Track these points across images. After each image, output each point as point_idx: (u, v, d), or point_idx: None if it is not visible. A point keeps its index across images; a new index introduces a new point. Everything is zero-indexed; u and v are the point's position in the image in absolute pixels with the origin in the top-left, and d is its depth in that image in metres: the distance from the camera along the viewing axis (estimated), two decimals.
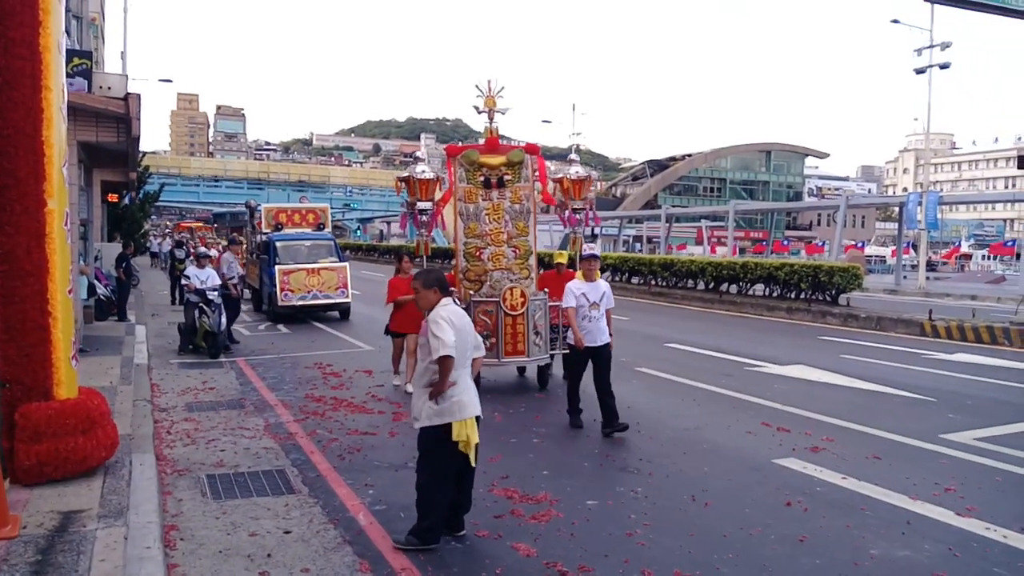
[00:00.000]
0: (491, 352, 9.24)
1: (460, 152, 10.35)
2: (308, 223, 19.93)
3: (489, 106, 10.21)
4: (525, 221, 10.28)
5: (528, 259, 10.20)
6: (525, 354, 9.72)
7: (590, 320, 7.77)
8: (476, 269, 9.98)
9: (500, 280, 9.90)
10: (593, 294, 7.81)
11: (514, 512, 5.53)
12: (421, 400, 4.83)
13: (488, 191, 10.15)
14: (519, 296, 9.64)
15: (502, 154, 10.23)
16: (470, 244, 10.05)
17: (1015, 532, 5.20)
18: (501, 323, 9.56)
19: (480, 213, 10.11)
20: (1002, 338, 14.78)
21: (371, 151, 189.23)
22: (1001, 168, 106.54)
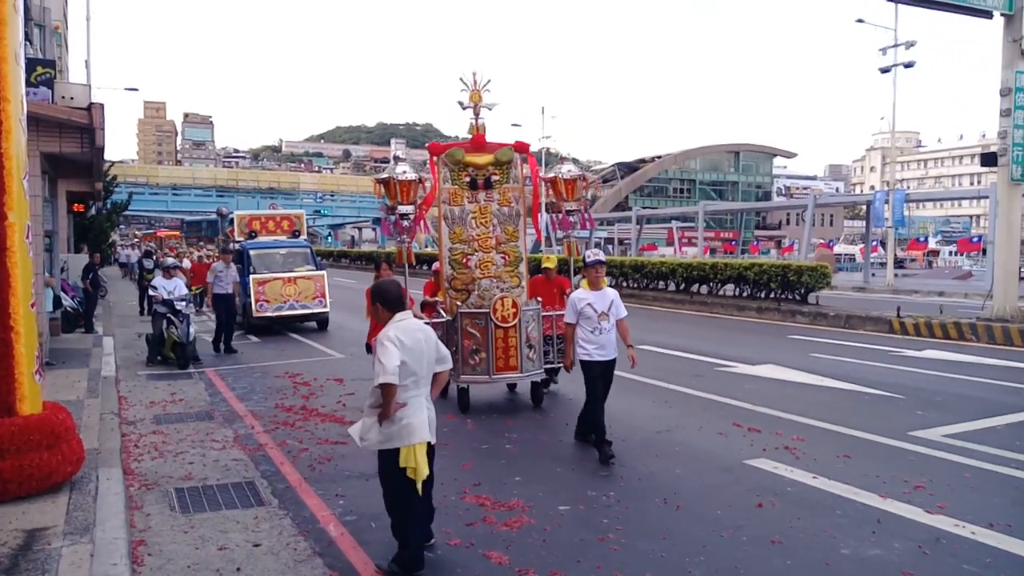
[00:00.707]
0: (480, 368, 8.79)
1: (444, 150, 9.54)
2: (283, 230, 19.18)
3: (474, 101, 9.45)
4: (515, 225, 9.58)
5: (518, 266, 9.51)
6: (518, 369, 8.93)
7: (600, 332, 7.03)
8: (463, 277, 9.28)
9: (489, 289, 9.24)
10: (601, 303, 7.06)
11: (486, 519, 5.50)
12: (370, 420, 4.58)
13: (474, 193, 9.44)
14: (511, 307, 8.84)
15: (489, 153, 9.49)
16: (456, 250, 9.33)
17: (983, 528, 5.26)
18: (491, 336, 8.78)
19: (466, 216, 9.39)
20: (969, 334, 15.00)
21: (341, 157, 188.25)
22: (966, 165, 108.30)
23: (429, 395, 4.70)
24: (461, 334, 8.76)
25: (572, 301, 7.19)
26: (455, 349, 8.47)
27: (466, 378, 8.85)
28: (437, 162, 9.44)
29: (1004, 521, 5.39)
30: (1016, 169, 15.11)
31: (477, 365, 8.80)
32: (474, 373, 8.83)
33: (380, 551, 4.85)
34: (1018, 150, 15.07)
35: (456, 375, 8.50)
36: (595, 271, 7.15)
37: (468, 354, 8.78)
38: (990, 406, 9.06)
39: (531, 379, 9.18)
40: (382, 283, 4.84)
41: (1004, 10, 14.84)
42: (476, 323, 8.84)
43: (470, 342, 8.78)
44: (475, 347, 8.79)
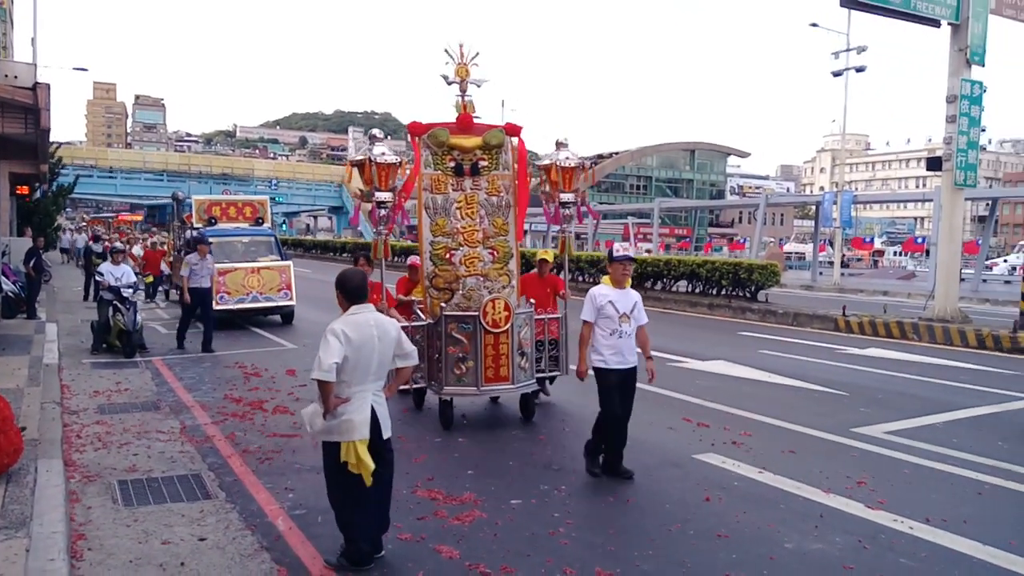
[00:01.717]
0: (467, 378, 7.82)
1: (426, 130, 8.37)
2: (245, 217, 17.89)
3: (461, 76, 8.33)
4: (504, 217, 8.55)
5: (508, 263, 8.52)
6: (509, 380, 7.94)
7: (620, 336, 6.24)
8: (445, 275, 8.28)
9: (475, 288, 8.29)
10: (623, 303, 6.31)
11: (437, 513, 5.49)
12: (315, 408, 4.50)
13: (460, 180, 8.41)
14: (503, 310, 7.82)
15: (477, 135, 8.43)
16: (438, 244, 8.32)
17: (920, 523, 5.41)
18: (480, 343, 7.76)
19: (450, 206, 8.37)
20: (911, 333, 15.40)
21: (297, 144, 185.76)
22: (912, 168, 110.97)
23: (380, 391, 4.64)
24: (445, 340, 7.80)
25: (592, 296, 6.35)
26: (437, 356, 7.88)
27: (450, 390, 7.86)
28: (418, 144, 8.41)
29: (939, 516, 5.55)
30: (960, 174, 15.55)
31: (463, 375, 7.80)
32: (459, 384, 7.84)
33: (329, 545, 4.80)
34: (962, 156, 15.51)
35: (438, 386, 7.92)
36: (622, 267, 6.36)
37: (453, 363, 7.80)
38: (929, 404, 9.32)
39: (523, 391, 8.21)
40: (346, 272, 4.75)
41: (951, 20, 15.23)
42: (463, 328, 7.79)
43: (455, 349, 7.78)
44: (461, 355, 7.79)
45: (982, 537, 5.17)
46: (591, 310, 6.33)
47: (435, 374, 7.97)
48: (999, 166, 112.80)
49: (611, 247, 6.50)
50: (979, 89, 15.63)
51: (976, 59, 15.42)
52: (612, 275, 6.43)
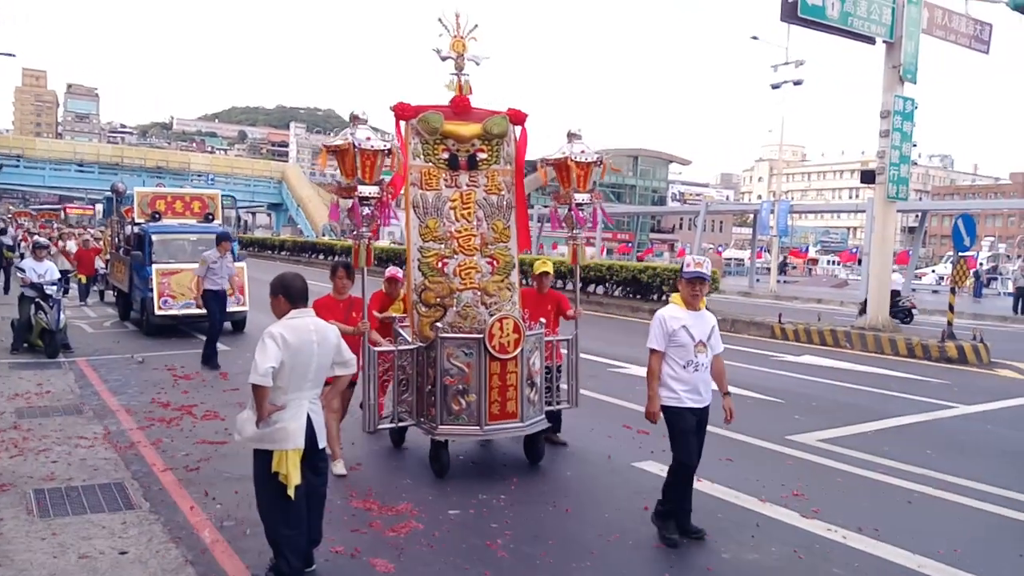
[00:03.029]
0: (466, 415, 6.45)
1: (415, 114, 6.99)
2: (193, 213, 16.13)
3: (457, 51, 7.05)
4: (506, 220, 7.27)
5: (509, 274, 7.23)
6: (518, 417, 6.59)
7: (696, 368, 5.22)
8: (437, 288, 6.91)
9: (471, 305, 6.97)
10: (700, 329, 5.25)
11: (373, 525, 5.35)
12: (250, 414, 4.32)
13: (454, 174, 7.11)
14: (512, 332, 6.47)
15: (476, 121, 7.16)
16: (428, 250, 6.95)
17: (853, 532, 5.48)
18: (484, 372, 6.41)
19: (442, 206, 7.05)
20: (844, 341, 15.77)
21: (236, 138, 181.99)
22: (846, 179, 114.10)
23: (317, 399, 4.48)
24: (440, 368, 6.43)
25: (660, 320, 5.28)
26: (430, 388, 6.52)
27: (446, 429, 6.48)
28: (405, 130, 7.05)
29: (871, 525, 5.63)
30: (892, 188, 15.98)
31: (462, 411, 6.44)
32: (457, 422, 6.46)
33: (258, 560, 4.62)
34: (895, 170, 15.95)
35: (430, 424, 6.56)
36: (694, 288, 5.28)
37: (450, 396, 6.45)
38: (861, 412, 9.51)
39: (533, 429, 6.83)
40: (285, 275, 4.55)
41: (886, 37, 15.65)
42: (464, 353, 6.46)
43: (453, 380, 6.44)
44: (461, 387, 6.44)
45: (912, 546, 5.25)
46: (660, 336, 5.24)
47: (426, 409, 6.62)
48: (928, 179, 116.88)
49: (682, 260, 5.45)
50: (911, 105, 16.09)
51: (909, 76, 15.87)
52: (684, 295, 5.31)
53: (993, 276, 43.44)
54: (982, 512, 6.10)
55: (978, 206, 61.66)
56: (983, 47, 16.95)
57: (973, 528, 5.80)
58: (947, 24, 16.46)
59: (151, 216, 15.68)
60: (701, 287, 5.30)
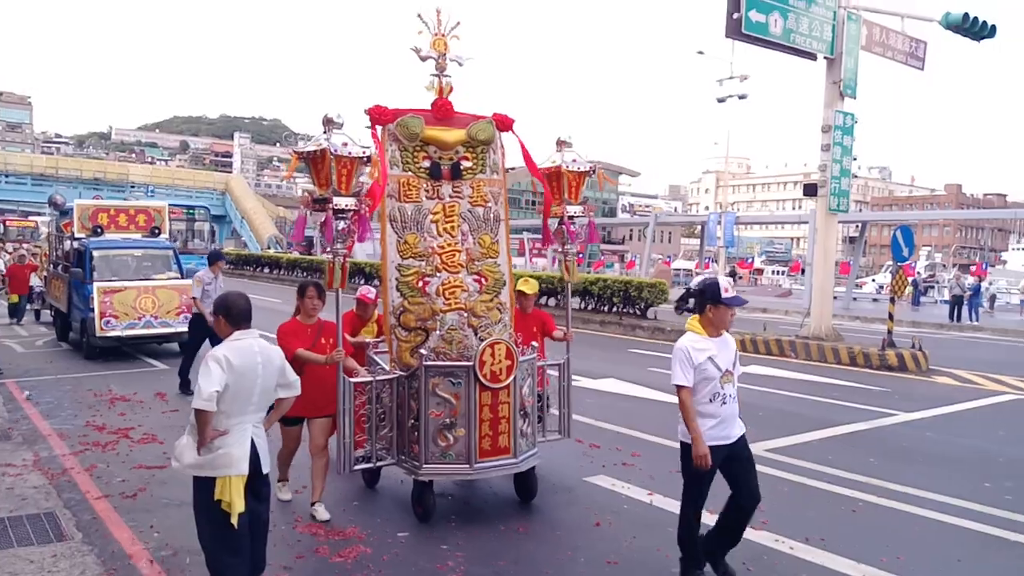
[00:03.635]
0: (454, 451, 5.83)
1: (393, 118, 6.32)
2: (138, 226, 15.15)
3: (439, 50, 6.43)
4: (493, 234, 6.65)
5: (499, 293, 6.57)
6: (511, 452, 6.04)
7: (724, 401, 4.73)
8: (418, 309, 6.21)
9: (456, 328, 6.27)
10: (724, 357, 4.76)
11: (318, 551, 5.21)
12: (189, 440, 4.16)
13: (436, 184, 6.49)
14: (504, 357, 5.90)
15: (459, 127, 6.55)
16: (407, 268, 6.27)
17: (800, 543, 5.53)
18: (474, 403, 5.81)
19: (423, 219, 6.40)
20: (789, 350, 16.03)
21: (178, 148, 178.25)
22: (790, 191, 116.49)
23: (260, 422, 4.33)
24: (425, 400, 5.82)
25: (685, 354, 4.71)
26: (413, 422, 5.93)
27: (432, 468, 5.84)
28: (382, 136, 6.36)
29: (817, 535, 5.69)
30: (834, 200, 16.34)
31: (450, 447, 5.82)
32: (445, 460, 5.82)
33: None
34: (836, 183, 16.31)
35: (413, 463, 5.93)
36: (726, 311, 4.72)
37: (436, 431, 5.83)
38: (806, 421, 9.65)
39: (527, 465, 6.27)
40: (229, 294, 4.39)
41: (827, 54, 16.02)
42: (451, 382, 5.85)
43: (440, 412, 5.81)
44: (447, 420, 5.82)
45: (857, 555, 5.33)
46: (687, 371, 4.69)
47: (408, 446, 6.00)
48: (867, 190, 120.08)
49: (714, 284, 4.79)
50: (851, 120, 16.49)
51: (849, 92, 16.27)
52: (712, 320, 4.75)
53: (930, 285, 44.68)
54: (923, 519, 6.22)
55: (915, 217, 63.72)
56: (919, 63, 17.47)
57: (915, 535, 5.90)
58: (885, 41, 16.92)
59: (93, 230, 14.69)
60: (735, 310, 4.78)
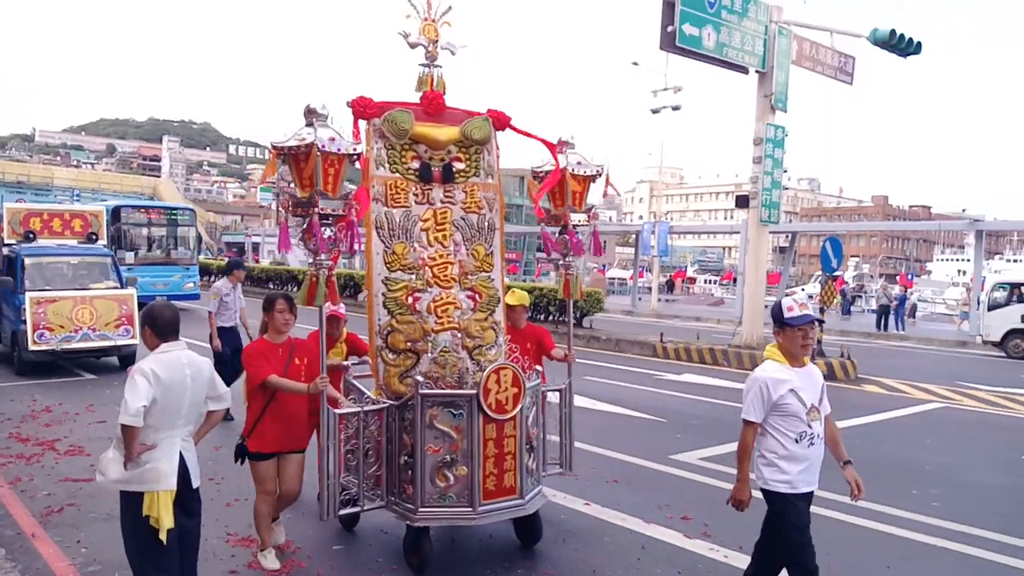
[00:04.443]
0: (454, 492, 5.13)
1: (379, 112, 5.60)
2: (73, 232, 14.23)
3: (430, 37, 5.75)
4: (488, 244, 6.01)
5: (494, 311, 5.95)
6: (517, 492, 5.34)
7: (811, 442, 4.05)
8: (408, 329, 5.57)
9: (449, 350, 5.67)
10: (811, 390, 4.07)
11: (251, 565, 5.11)
12: (115, 454, 4.04)
13: (426, 187, 5.81)
14: (511, 385, 5.21)
15: (452, 123, 5.88)
16: (396, 283, 5.60)
17: (734, 551, 5.64)
18: (477, 438, 5.12)
19: (412, 226, 5.73)
20: (722, 359, 16.38)
21: (105, 151, 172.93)
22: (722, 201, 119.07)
23: (190, 436, 4.24)
24: (422, 434, 5.10)
25: (762, 386, 4.05)
26: (406, 459, 5.22)
27: (429, 512, 5.13)
28: (366, 132, 5.63)
29: (751, 544, 5.79)
30: (764, 211, 16.76)
31: (449, 488, 5.12)
32: (444, 502, 5.14)
33: None
34: (767, 195, 16.74)
35: (405, 507, 5.21)
36: (803, 335, 4.03)
37: (434, 470, 5.14)
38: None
39: (536, 506, 5.55)
40: (154, 305, 4.25)
41: (758, 68, 16.46)
42: (452, 413, 5.14)
43: (438, 448, 5.11)
44: (447, 457, 5.12)
45: None
46: (761, 406, 4.06)
47: (399, 487, 5.30)
48: (797, 201, 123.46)
49: (777, 305, 4.16)
50: (782, 133, 16.96)
51: (780, 105, 16.73)
52: (786, 346, 4.10)
53: (858, 294, 46.17)
54: (853, 526, 6.41)
55: (843, 228, 65.72)
56: (847, 78, 18.08)
57: (845, 543, 6.07)
58: (815, 56, 17.46)
59: (24, 236, 13.81)
60: (813, 332, 4.08)
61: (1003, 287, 21.96)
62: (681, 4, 14.53)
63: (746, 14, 15.92)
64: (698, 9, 14.90)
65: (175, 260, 24.10)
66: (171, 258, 24.16)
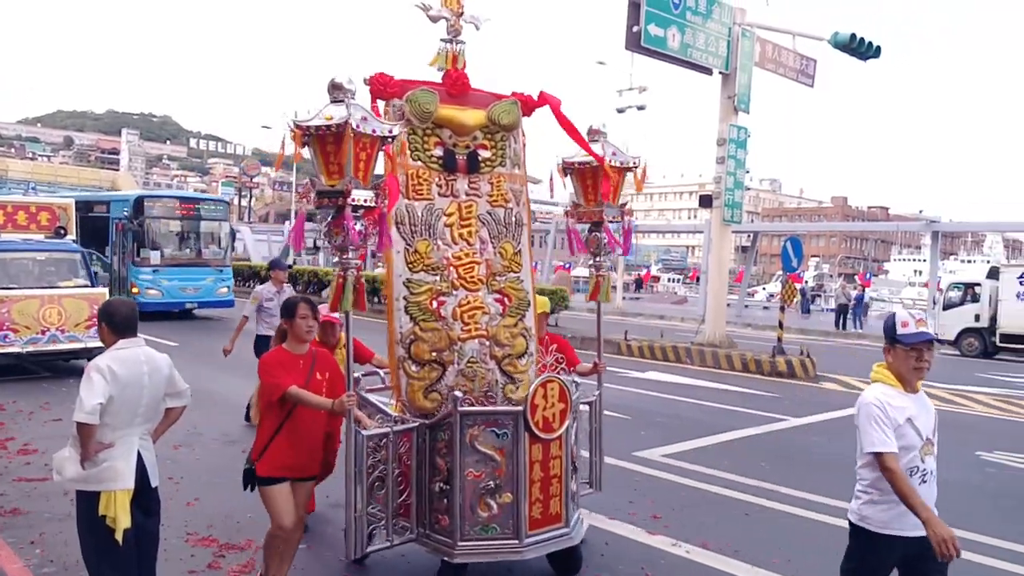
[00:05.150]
0: (498, 523, 4.62)
1: (402, 91, 5.01)
2: (40, 226, 12.99)
3: (453, 9, 5.14)
4: (516, 242, 5.44)
5: (523, 316, 5.36)
6: (562, 520, 4.88)
7: (923, 479, 3.45)
8: (432, 338, 5.00)
9: (478, 360, 5.09)
10: (925, 419, 3.48)
11: (213, 565, 5.05)
12: (71, 452, 3.94)
13: (450, 178, 5.22)
14: (558, 399, 4.78)
15: (478, 107, 5.27)
16: (420, 285, 5.04)
17: (696, 547, 5.71)
18: (523, 461, 4.63)
19: (435, 221, 5.15)
20: (685, 357, 16.53)
21: (62, 144, 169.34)
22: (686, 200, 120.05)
23: (148, 434, 4.16)
24: (460, 455, 4.59)
25: (879, 410, 3.39)
26: (441, 487, 4.71)
27: (470, 547, 4.61)
28: (385, 113, 5.05)
29: (713, 539, 5.88)
30: (727, 211, 16.96)
31: (492, 519, 4.61)
32: (486, 534, 4.63)
33: None
34: (729, 195, 16.95)
35: (441, 540, 4.69)
36: (917, 356, 3.46)
37: (475, 498, 4.61)
38: (702, 427, 9.96)
39: (581, 535, 5.16)
40: (112, 301, 4.18)
41: (721, 69, 16.64)
42: (495, 433, 4.62)
43: (480, 472, 4.60)
44: (491, 483, 4.61)
45: (749, 558, 5.53)
46: (886, 430, 3.35)
47: (432, 518, 4.75)
48: (759, 202, 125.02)
49: (890, 317, 3.59)
50: (745, 134, 17.17)
51: (742, 107, 16.93)
52: (896, 366, 3.51)
53: (818, 294, 46.96)
54: (811, 521, 6.51)
55: (804, 228, 66.73)
56: (808, 80, 18.36)
57: (803, 537, 6.17)
58: (777, 58, 17.70)
59: None
60: (929, 354, 3.48)
61: (958, 287, 22.49)
62: (646, 5, 14.64)
63: (710, 16, 16.08)
64: (663, 10, 15.02)
65: (206, 260, 20.85)
66: (202, 258, 20.85)
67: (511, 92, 5.48)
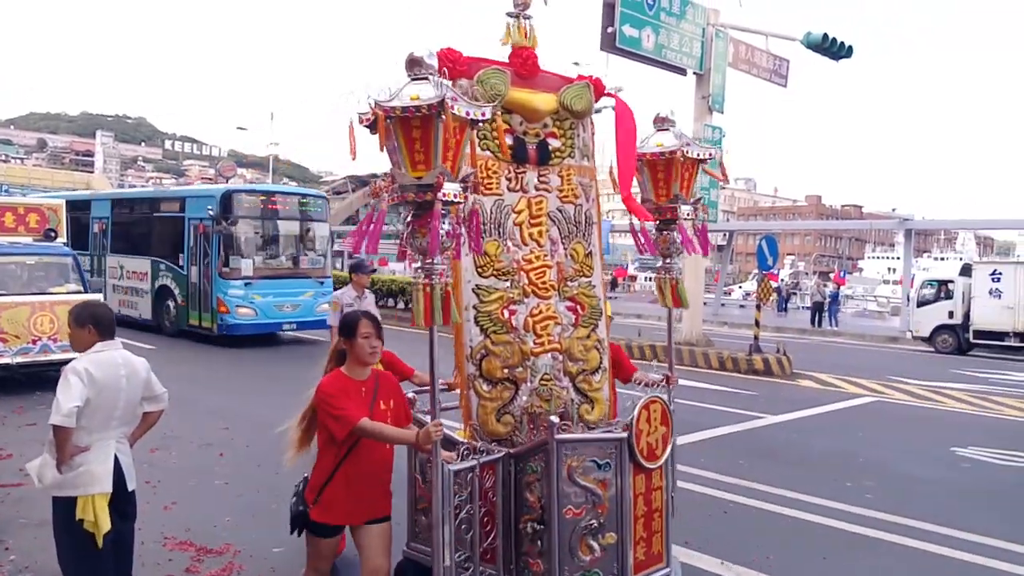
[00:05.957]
0: (600, 568, 4.01)
1: (471, 70, 4.34)
2: (28, 228, 12.13)
3: None
4: (587, 242, 4.92)
5: (597, 326, 4.84)
6: (663, 560, 4.39)
7: None
8: (504, 352, 4.41)
9: (553, 377, 4.55)
10: None
11: (190, 569, 5.00)
12: (49, 457, 3.90)
13: (519, 170, 4.63)
14: (660, 423, 4.29)
15: (548, 90, 4.72)
16: (490, 292, 4.46)
17: (677, 545, 5.67)
18: (627, 495, 4.09)
19: (505, 219, 4.56)
20: (663, 356, 16.58)
21: (35, 146, 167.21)
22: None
23: (124, 438, 4.12)
24: (558, 490, 3.97)
25: None
26: (533, 527, 4.08)
27: None
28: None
29: (693, 537, 5.91)
30: None
31: (595, 563, 4.01)
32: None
33: None
34: (704, 194, 17.01)
35: None
36: None
37: (576, 538, 3.99)
38: (680, 425, 9.82)
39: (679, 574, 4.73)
40: (89, 303, 4.15)
41: (696, 70, 16.74)
42: (595, 464, 4.04)
43: (581, 510, 3.99)
44: (593, 521, 4.01)
45: (729, 556, 5.58)
46: None
47: (521, 562, 4.15)
48: (734, 201, 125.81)
49: None
50: (719, 134, 17.29)
51: (717, 107, 17.06)
52: None
53: (793, 292, 47.37)
54: (790, 518, 6.57)
55: (779, 227, 67.25)
56: (782, 81, 18.52)
57: (782, 534, 6.23)
58: (750, 59, 17.84)
59: None
60: None
61: (931, 284, 22.78)
62: (621, 5, 14.69)
63: (684, 16, 16.18)
64: (637, 11, 15.08)
65: (306, 272, 17.21)
66: (300, 268, 17.20)
67: (577, 75, 4.94)
